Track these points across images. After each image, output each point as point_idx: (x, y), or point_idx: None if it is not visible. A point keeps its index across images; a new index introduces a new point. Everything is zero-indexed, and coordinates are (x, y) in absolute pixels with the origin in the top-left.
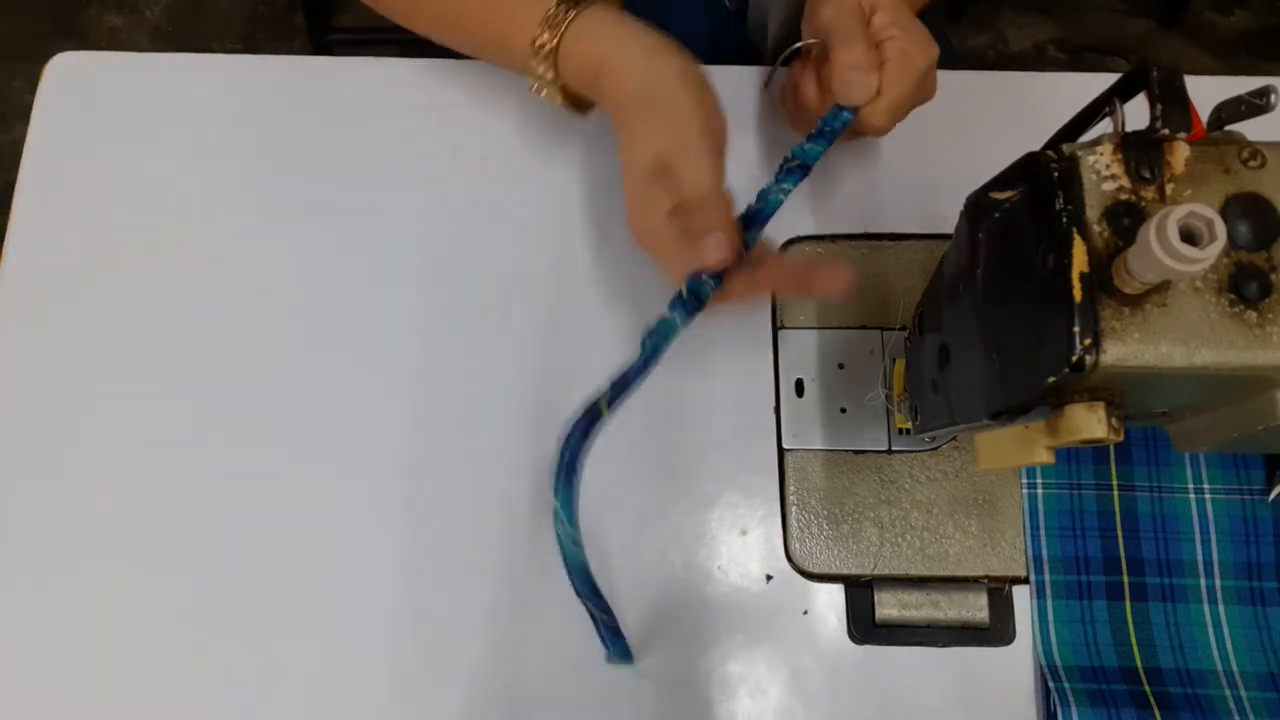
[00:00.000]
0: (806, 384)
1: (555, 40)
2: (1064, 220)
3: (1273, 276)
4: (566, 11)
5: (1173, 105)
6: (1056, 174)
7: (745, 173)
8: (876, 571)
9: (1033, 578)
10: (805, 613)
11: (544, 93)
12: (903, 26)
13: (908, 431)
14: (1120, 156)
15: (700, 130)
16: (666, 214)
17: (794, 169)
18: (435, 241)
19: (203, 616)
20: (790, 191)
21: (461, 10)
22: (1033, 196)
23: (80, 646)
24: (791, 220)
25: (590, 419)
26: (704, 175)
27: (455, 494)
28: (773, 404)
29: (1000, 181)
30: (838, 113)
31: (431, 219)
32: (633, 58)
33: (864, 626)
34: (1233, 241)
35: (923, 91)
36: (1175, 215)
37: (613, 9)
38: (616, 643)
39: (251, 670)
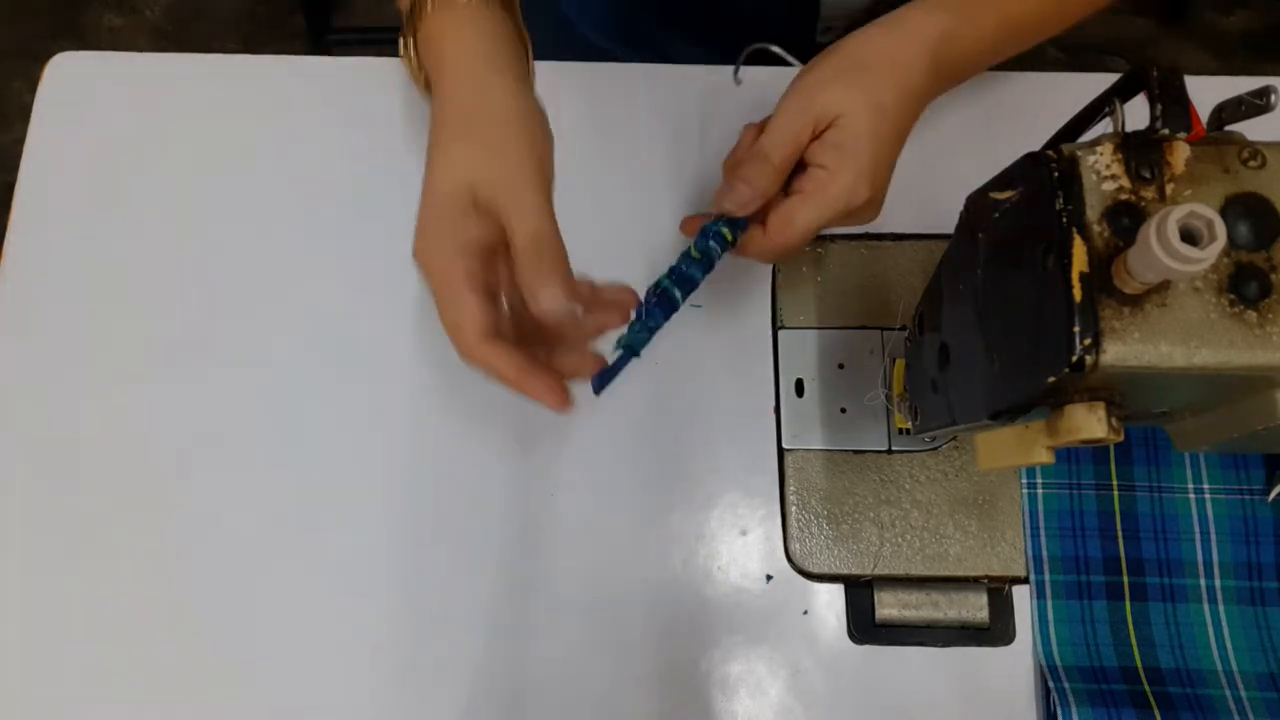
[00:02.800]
0: (806, 384)
1: (413, 26)
2: (1064, 220)
3: (1273, 276)
4: None
5: (1173, 105)
6: (1056, 174)
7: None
8: (876, 571)
9: (1033, 578)
10: (805, 613)
11: (408, 72)
12: (842, 156)
13: (908, 431)
14: (1120, 156)
15: (533, 167)
16: (457, 247)
17: (657, 301)
18: None
19: (203, 615)
20: (657, 330)
21: None
22: (1033, 196)
23: (78, 647)
24: None
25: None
26: (537, 217)
27: (456, 492)
28: (773, 404)
29: (1000, 181)
30: (717, 222)
31: None
32: (465, 68)
33: (864, 626)
34: (1233, 241)
35: (847, 222)
36: (1175, 215)
37: (484, 6)
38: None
39: (251, 670)
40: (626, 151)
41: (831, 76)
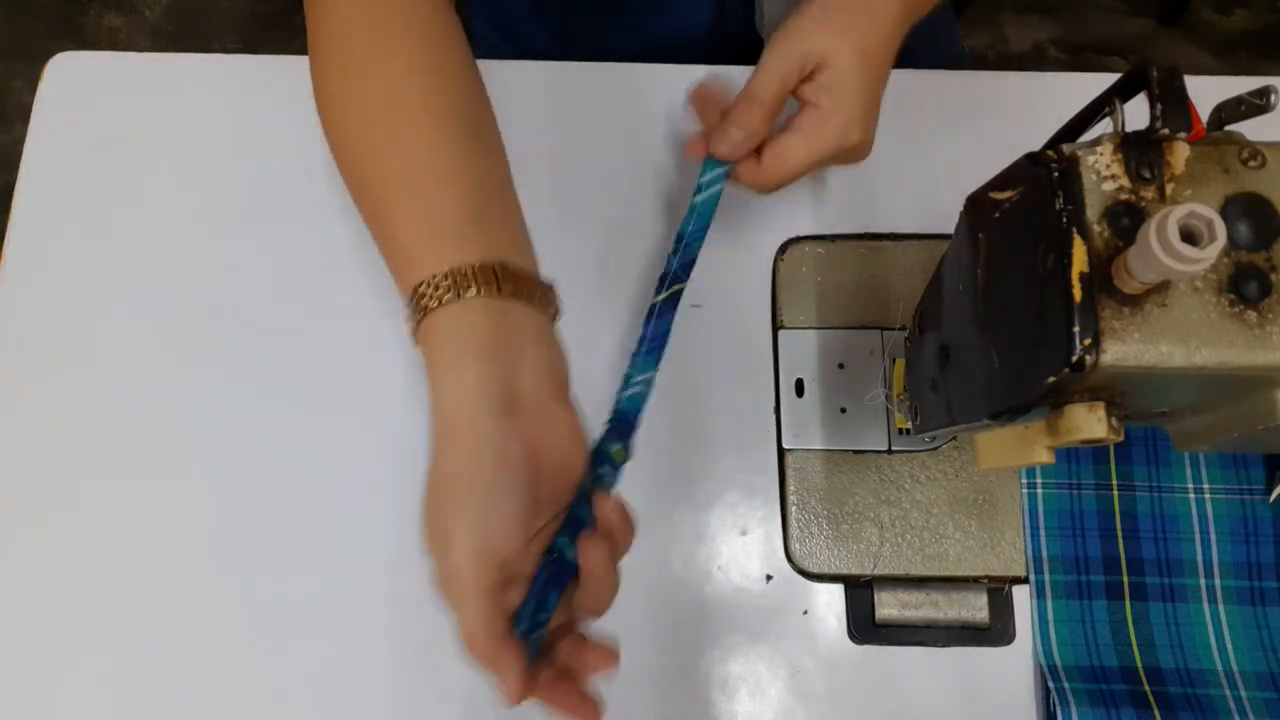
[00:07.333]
0: (806, 384)
1: (421, 318)
2: (1064, 220)
3: (1273, 276)
4: (447, 293)
5: (1173, 105)
6: (1056, 174)
7: None
8: (876, 571)
9: (1033, 578)
10: (805, 613)
11: (409, 334)
12: (836, 97)
13: (908, 431)
14: (1120, 156)
15: (484, 558)
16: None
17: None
18: None
19: (201, 619)
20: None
21: (376, 193)
22: (1033, 196)
23: (74, 650)
24: (792, 221)
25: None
26: (473, 622)
27: None
28: (773, 404)
29: (1000, 181)
30: (712, 165)
31: None
32: (462, 409)
33: (864, 626)
34: (1233, 241)
35: (839, 160)
36: (1175, 215)
37: (486, 318)
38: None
39: (250, 673)
40: (597, 151)
41: (818, 21)
